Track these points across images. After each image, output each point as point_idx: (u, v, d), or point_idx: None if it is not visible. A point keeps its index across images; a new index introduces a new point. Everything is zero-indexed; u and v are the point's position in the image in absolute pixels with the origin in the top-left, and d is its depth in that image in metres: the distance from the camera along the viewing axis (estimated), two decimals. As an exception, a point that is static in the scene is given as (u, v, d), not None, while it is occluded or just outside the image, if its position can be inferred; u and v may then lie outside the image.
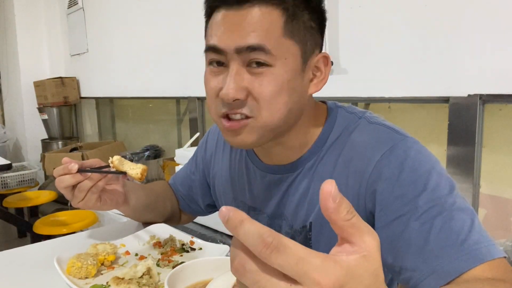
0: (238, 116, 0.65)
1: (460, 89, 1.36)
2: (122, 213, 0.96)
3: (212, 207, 1.03)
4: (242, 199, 0.86)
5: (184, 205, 1.04)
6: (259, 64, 0.63)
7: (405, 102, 1.58)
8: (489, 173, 1.39)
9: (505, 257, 0.59)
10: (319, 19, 0.68)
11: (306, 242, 0.76)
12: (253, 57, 0.62)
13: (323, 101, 0.80)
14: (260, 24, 0.62)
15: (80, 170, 0.77)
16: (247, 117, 0.65)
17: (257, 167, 0.81)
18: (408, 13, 1.47)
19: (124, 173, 0.78)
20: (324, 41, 0.74)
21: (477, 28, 1.31)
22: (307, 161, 0.75)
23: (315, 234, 0.74)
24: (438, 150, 1.51)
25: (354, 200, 0.69)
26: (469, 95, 1.34)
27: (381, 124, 0.71)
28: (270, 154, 0.78)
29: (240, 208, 0.86)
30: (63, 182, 0.77)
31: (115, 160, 0.78)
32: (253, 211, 0.84)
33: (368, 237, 0.32)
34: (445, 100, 1.42)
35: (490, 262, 0.56)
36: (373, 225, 0.68)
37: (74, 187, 0.78)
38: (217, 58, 0.65)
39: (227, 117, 0.66)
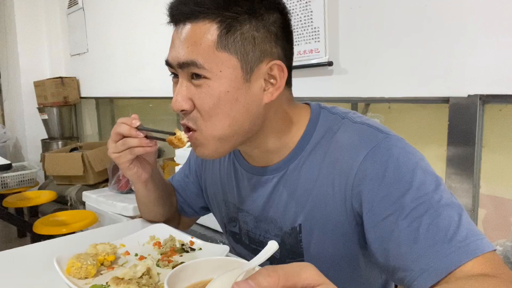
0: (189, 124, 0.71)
1: (460, 90, 1.36)
2: (136, 194, 0.96)
3: (207, 210, 1.03)
4: (231, 201, 0.88)
5: (179, 208, 1.05)
6: (198, 76, 0.66)
7: (405, 102, 1.59)
8: (489, 173, 1.39)
9: (494, 250, 0.59)
10: (267, 28, 0.67)
11: (297, 244, 0.76)
12: (191, 71, 0.67)
13: (307, 102, 0.80)
14: (193, 41, 0.65)
15: (140, 128, 0.80)
16: (194, 130, 0.70)
17: (244, 169, 0.83)
18: (408, 13, 1.47)
19: (173, 134, 0.79)
20: (292, 48, 0.73)
21: (477, 28, 1.31)
22: (290, 162, 0.75)
23: (306, 236, 0.74)
24: (438, 150, 1.51)
25: (341, 201, 0.69)
26: (469, 96, 1.34)
27: (364, 123, 0.71)
28: (253, 158, 0.80)
29: (230, 209, 0.87)
30: (119, 128, 0.79)
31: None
32: (241, 213, 0.85)
33: (305, 272, 0.36)
34: (445, 100, 1.42)
35: (479, 257, 0.56)
36: (361, 226, 0.68)
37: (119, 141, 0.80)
38: (171, 70, 0.72)
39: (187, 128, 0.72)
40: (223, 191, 0.90)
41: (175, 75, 0.72)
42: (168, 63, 0.71)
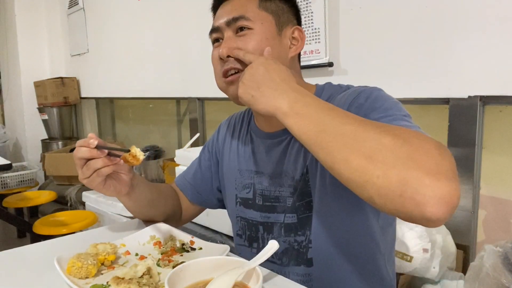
0: (232, 71, 0.84)
1: (460, 91, 1.37)
2: (123, 204, 0.96)
3: (221, 193, 1.08)
4: (246, 168, 0.97)
5: (195, 194, 1.09)
6: (243, 29, 0.84)
7: (405, 103, 1.57)
8: (489, 174, 1.40)
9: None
10: (290, 5, 0.90)
11: (306, 185, 0.86)
12: (238, 24, 0.84)
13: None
14: (240, 4, 0.85)
15: (99, 147, 0.80)
16: (239, 71, 0.83)
17: (259, 138, 0.95)
18: (408, 15, 1.48)
19: (128, 151, 0.82)
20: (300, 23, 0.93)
21: (478, 30, 1.31)
22: None
23: (312, 174, 0.85)
24: (438, 151, 1.51)
25: None
26: (469, 97, 1.35)
27: (359, 87, 0.86)
28: (268, 122, 0.92)
29: (244, 177, 0.97)
30: (79, 153, 0.80)
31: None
32: (256, 175, 0.95)
33: None
34: (446, 101, 1.42)
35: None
36: None
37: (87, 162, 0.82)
38: (216, 35, 0.88)
39: (225, 76, 0.85)
40: (238, 161, 0.99)
41: (217, 41, 0.88)
42: (214, 29, 0.88)
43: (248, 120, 1.02)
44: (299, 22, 0.92)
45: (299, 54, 0.92)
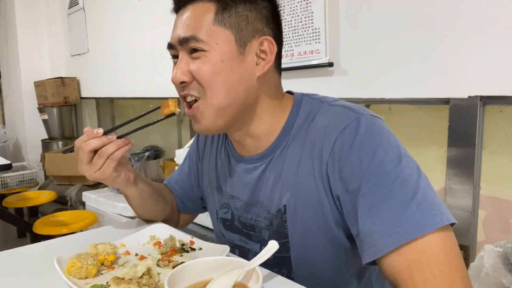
0: (189, 98, 0.76)
1: (460, 91, 1.37)
2: (128, 201, 0.96)
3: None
4: (224, 189, 0.91)
5: (180, 204, 1.06)
6: (196, 50, 0.73)
7: (405, 103, 1.59)
8: (489, 174, 1.39)
9: (453, 224, 0.62)
10: (259, 10, 0.75)
11: (282, 224, 0.79)
12: (190, 46, 0.73)
13: (292, 92, 0.85)
14: (193, 18, 0.74)
15: (106, 132, 0.80)
16: (196, 100, 0.75)
17: (235, 159, 0.88)
18: (408, 14, 1.48)
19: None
20: (279, 30, 0.79)
21: (478, 30, 1.31)
22: (277, 148, 0.80)
23: (290, 216, 0.78)
24: (438, 152, 1.51)
25: (320, 181, 0.73)
26: (469, 97, 1.34)
27: (340, 105, 0.76)
28: (244, 146, 0.84)
29: (222, 196, 0.90)
30: (89, 145, 0.79)
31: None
32: (232, 199, 0.89)
33: None
34: (446, 101, 1.42)
35: (416, 241, 0.61)
36: (339, 207, 0.71)
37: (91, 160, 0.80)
38: (172, 52, 0.79)
39: (187, 103, 0.77)
40: (217, 179, 0.93)
41: (175, 57, 0.78)
42: (170, 46, 0.78)
43: (226, 135, 0.93)
44: (277, 26, 0.78)
45: (279, 58, 0.80)
